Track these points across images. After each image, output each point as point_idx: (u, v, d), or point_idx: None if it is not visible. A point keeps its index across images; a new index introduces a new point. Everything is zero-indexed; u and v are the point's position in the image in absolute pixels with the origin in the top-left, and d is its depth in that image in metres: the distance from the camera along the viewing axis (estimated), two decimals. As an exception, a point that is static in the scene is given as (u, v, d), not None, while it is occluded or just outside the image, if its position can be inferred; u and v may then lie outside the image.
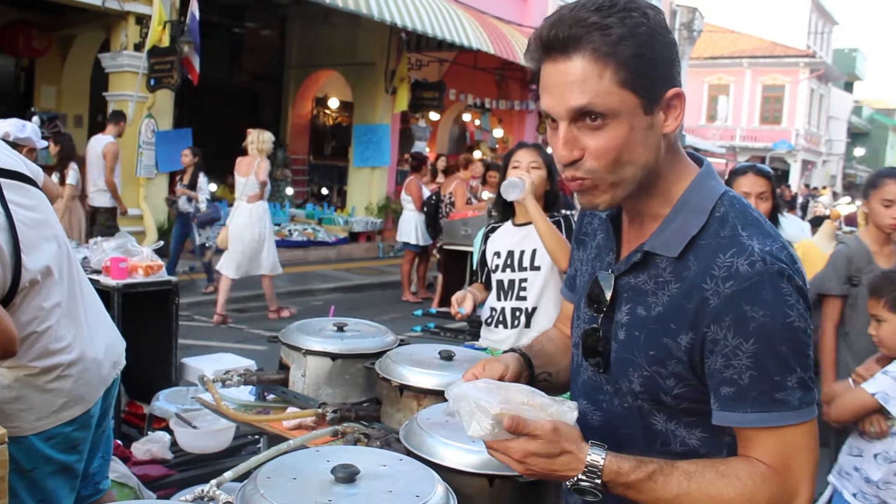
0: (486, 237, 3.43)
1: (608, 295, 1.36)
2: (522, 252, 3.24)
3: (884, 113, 49.80)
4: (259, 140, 7.88)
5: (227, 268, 7.95)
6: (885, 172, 3.58)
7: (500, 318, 3.29)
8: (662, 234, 1.30)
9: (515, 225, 3.32)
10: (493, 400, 1.21)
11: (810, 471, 1.24)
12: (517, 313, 3.23)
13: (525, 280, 3.23)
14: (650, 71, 1.21)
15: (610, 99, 1.19)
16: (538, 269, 3.20)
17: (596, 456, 1.21)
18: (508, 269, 3.27)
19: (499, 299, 3.29)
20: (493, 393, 1.24)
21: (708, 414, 1.26)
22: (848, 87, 44.38)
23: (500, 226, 3.42)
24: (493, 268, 3.32)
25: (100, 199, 8.69)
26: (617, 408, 1.37)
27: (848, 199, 21.28)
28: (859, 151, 45.34)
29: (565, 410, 1.25)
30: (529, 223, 3.19)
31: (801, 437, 1.22)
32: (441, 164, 12.02)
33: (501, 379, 1.40)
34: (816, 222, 9.37)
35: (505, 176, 3.26)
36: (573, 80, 1.20)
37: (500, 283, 3.29)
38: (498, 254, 3.31)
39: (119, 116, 8.95)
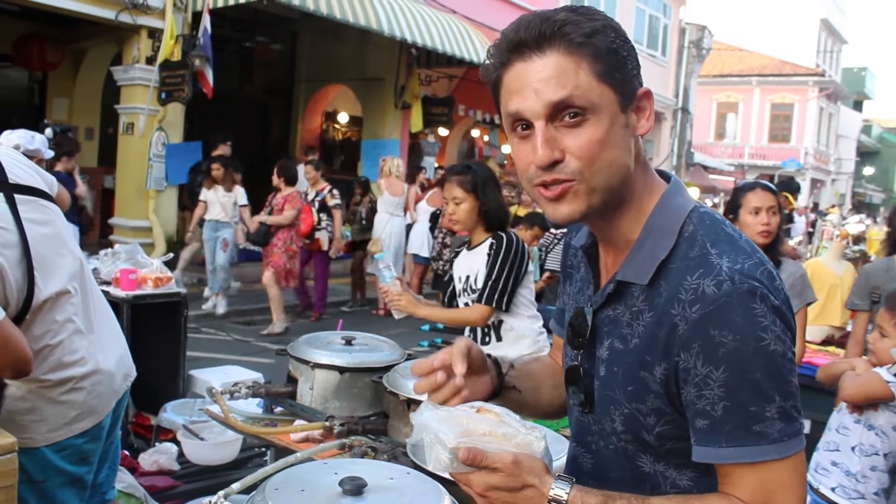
0: (452, 259, 3.57)
1: (587, 330, 1.29)
2: (472, 275, 3.36)
3: (893, 132, 49.68)
4: (396, 166, 9.96)
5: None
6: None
7: (472, 338, 3.39)
8: (633, 260, 1.22)
9: (468, 249, 3.43)
10: (452, 432, 1.15)
11: None
12: (486, 329, 3.35)
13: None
14: (622, 66, 1.17)
15: (590, 92, 1.14)
16: None
17: (560, 490, 1.14)
18: (466, 294, 3.39)
19: None
20: (453, 423, 1.18)
21: None
22: (857, 105, 44.31)
23: (461, 250, 3.53)
24: (459, 292, 3.44)
25: None
26: (604, 449, 1.31)
27: (858, 217, 21.21)
28: (869, 170, 45.26)
29: (532, 440, 1.18)
30: (477, 246, 3.34)
31: (784, 472, 1.12)
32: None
33: (469, 353, 1.31)
34: (784, 186, 9.28)
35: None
36: (549, 74, 1.13)
37: (467, 305, 3.39)
38: (459, 278, 3.44)
39: (311, 152, 11.31)
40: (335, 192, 8.87)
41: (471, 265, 3.36)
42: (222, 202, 8.73)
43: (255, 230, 8.25)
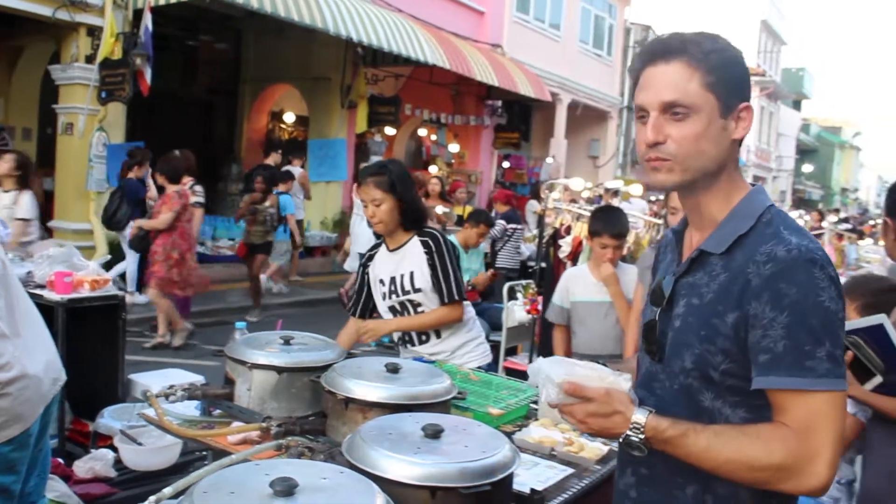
0: (365, 264, 3.48)
1: (667, 293, 1.59)
2: (402, 276, 3.30)
3: (830, 130, 51.13)
4: None
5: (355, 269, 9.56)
6: None
7: (408, 338, 3.38)
8: (716, 235, 1.54)
9: (390, 251, 3.37)
10: (559, 372, 1.50)
11: (832, 437, 1.38)
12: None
13: (413, 301, 3.31)
14: (729, 82, 1.50)
15: (694, 97, 1.47)
16: (420, 290, 3.28)
17: (640, 415, 1.46)
18: (394, 296, 3.33)
19: None
20: (560, 367, 1.53)
21: (750, 393, 1.45)
22: (796, 105, 45.37)
23: (376, 252, 3.46)
24: (381, 296, 3.38)
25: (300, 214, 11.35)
26: (667, 391, 1.58)
27: (797, 213, 21.69)
28: (807, 168, 46.40)
29: (620, 381, 1.52)
30: (401, 247, 3.31)
31: (826, 404, 1.38)
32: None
33: None
34: None
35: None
36: (668, 80, 1.49)
37: (392, 308, 3.36)
38: (382, 281, 3.37)
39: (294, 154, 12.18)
40: (197, 188, 8.02)
41: (397, 266, 3.29)
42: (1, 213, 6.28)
43: (133, 235, 7.40)
